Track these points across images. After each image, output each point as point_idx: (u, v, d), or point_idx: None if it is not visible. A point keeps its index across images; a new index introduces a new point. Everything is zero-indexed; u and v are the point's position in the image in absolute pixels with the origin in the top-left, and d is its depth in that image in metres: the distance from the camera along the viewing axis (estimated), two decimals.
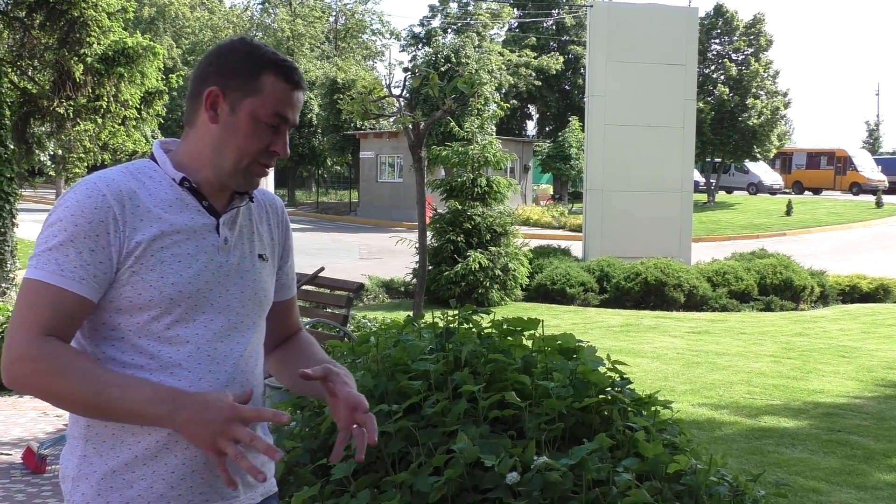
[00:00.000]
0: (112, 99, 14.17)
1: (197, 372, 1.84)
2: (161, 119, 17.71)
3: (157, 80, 15.44)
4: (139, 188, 1.86)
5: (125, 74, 14.09)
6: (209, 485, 1.86)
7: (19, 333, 1.76)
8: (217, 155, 1.89)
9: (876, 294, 17.61)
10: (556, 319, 13.62)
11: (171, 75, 16.35)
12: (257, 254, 2.00)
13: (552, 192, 45.06)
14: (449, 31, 51.89)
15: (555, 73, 49.98)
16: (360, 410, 1.88)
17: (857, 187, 49.07)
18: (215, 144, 1.89)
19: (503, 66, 44.76)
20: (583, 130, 26.24)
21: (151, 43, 14.71)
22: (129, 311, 1.82)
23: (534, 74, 49.19)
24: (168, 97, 16.23)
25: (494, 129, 31.15)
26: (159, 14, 56.62)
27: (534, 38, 52.00)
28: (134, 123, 15.20)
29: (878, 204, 39.45)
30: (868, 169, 50.63)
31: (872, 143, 72.22)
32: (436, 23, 53.59)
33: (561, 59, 50.62)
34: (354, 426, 1.89)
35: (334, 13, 61.27)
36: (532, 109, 55.39)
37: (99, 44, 13.70)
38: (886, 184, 48.58)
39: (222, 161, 1.89)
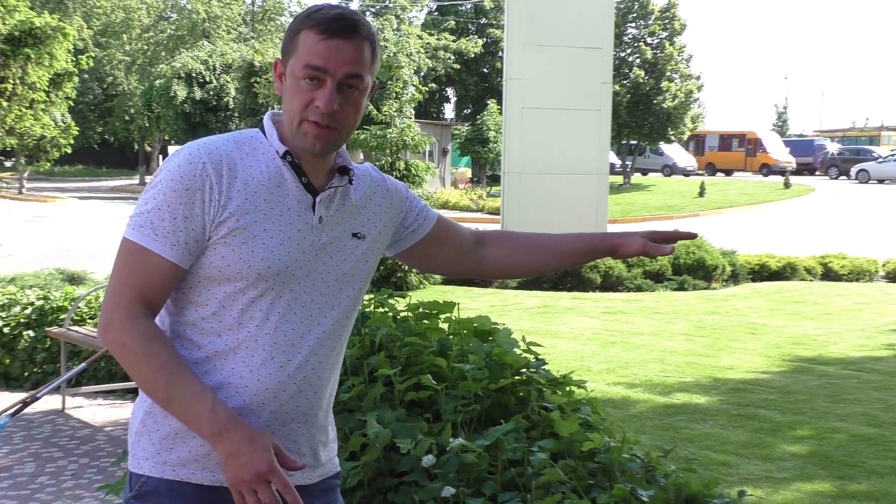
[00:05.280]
0: (18, 81, 13.74)
1: (270, 350, 1.83)
2: (71, 102, 17.25)
3: (67, 62, 15.03)
4: (240, 159, 1.86)
5: (32, 56, 13.66)
6: None
7: (116, 297, 1.80)
8: (285, 122, 1.90)
9: (784, 272, 18.14)
10: (475, 302, 13.72)
11: (80, 57, 15.94)
12: (351, 233, 1.96)
13: (471, 176, 45.19)
14: (367, 13, 51.55)
15: (473, 56, 50.07)
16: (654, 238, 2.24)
17: (767, 168, 50.36)
18: (283, 112, 1.91)
19: (422, 50, 44.68)
20: (501, 114, 26.36)
21: (61, 23, 14.30)
22: (218, 280, 1.83)
23: (452, 58, 49.21)
24: (78, 79, 15.83)
25: (413, 112, 31.10)
26: None
27: (453, 21, 52.01)
28: (42, 107, 14.78)
29: (787, 185, 40.61)
30: (777, 151, 52.01)
31: (781, 126, 74.22)
32: (354, 5, 53.20)
33: (480, 42, 50.72)
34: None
35: None
36: (450, 93, 55.45)
37: (4, 24, 13.25)
38: (794, 165, 50.04)
39: (285, 127, 1.89)
